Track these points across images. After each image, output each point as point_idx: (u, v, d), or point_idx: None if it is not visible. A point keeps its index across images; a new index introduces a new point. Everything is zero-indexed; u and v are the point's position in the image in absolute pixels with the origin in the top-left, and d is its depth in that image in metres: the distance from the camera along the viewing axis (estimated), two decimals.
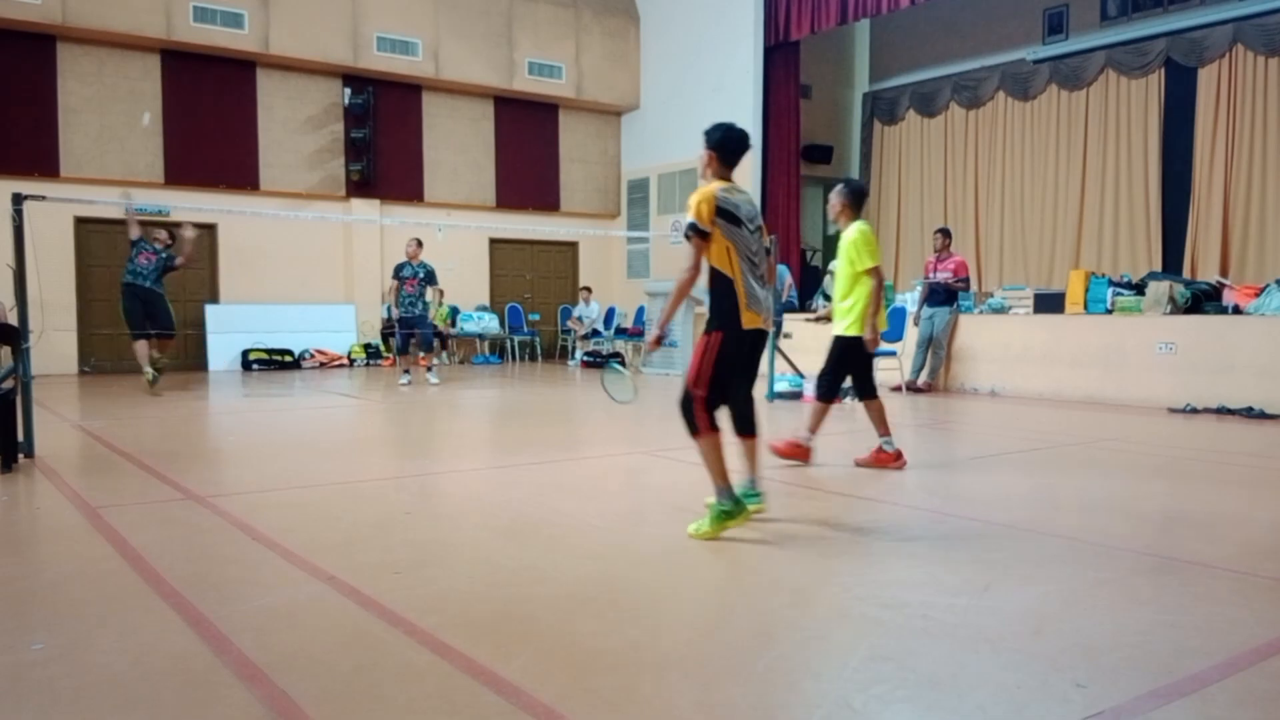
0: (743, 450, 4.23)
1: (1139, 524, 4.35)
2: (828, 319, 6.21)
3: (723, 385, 3.92)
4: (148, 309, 10.01)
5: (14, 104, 12.17)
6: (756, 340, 4.02)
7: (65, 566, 3.59)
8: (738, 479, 4.01)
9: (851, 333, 5.56)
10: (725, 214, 3.88)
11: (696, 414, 3.84)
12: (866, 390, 5.82)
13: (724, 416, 4.04)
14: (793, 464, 5.67)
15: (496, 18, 15.24)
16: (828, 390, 5.74)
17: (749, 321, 3.89)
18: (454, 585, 3.35)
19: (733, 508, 3.90)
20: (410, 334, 11.16)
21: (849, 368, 5.74)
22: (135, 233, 10.06)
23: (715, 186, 3.94)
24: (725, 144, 4.11)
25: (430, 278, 11.12)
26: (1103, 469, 5.78)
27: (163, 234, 10.48)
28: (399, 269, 11.13)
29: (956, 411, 8.84)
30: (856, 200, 5.59)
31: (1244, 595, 3.21)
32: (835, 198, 5.63)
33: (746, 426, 4.21)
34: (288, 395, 10.38)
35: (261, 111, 13.87)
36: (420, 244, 11.16)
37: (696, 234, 3.83)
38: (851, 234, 5.48)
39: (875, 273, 5.45)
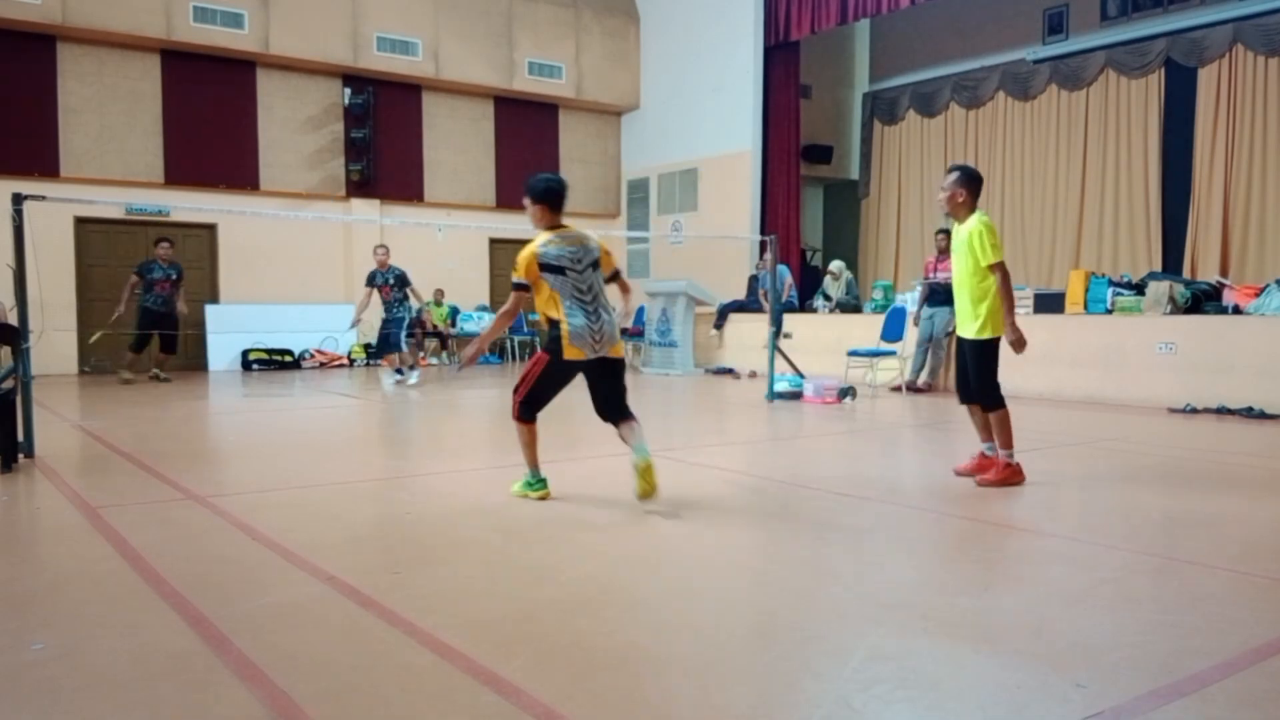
0: (620, 433, 4.69)
1: (1139, 524, 4.35)
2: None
3: (538, 397, 4.68)
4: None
5: (14, 104, 12.17)
6: (585, 367, 4.61)
7: (65, 566, 3.59)
8: (633, 453, 4.52)
9: (986, 335, 5.12)
10: (547, 267, 4.56)
11: (514, 407, 4.71)
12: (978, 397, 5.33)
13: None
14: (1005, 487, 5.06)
15: (496, 18, 15.24)
16: (997, 398, 5.21)
17: (570, 354, 4.52)
18: (454, 585, 3.35)
19: (536, 484, 4.75)
20: (385, 334, 11.13)
21: (991, 369, 5.21)
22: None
23: (538, 242, 4.66)
24: (548, 194, 4.83)
25: (402, 281, 11.06)
26: (1102, 469, 5.78)
27: (164, 246, 10.83)
28: (371, 278, 11.06)
29: (956, 412, 8.82)
30: (975, 188, 5.10)
31: (1244, 595, 3.21)
32: (952, 186, 5.09)
33: (625, 416, 4.70)
34: (288, 395, 10.38)
35: (261, 111, 13.87)
36: (388, 250, 11.17)
37: (516, 288, 4.66)
38: (973, 225, 5.02)
39: (1000, 268, 5.01)
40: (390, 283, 11.04)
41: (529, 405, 4.68)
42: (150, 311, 11.47)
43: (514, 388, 4.75)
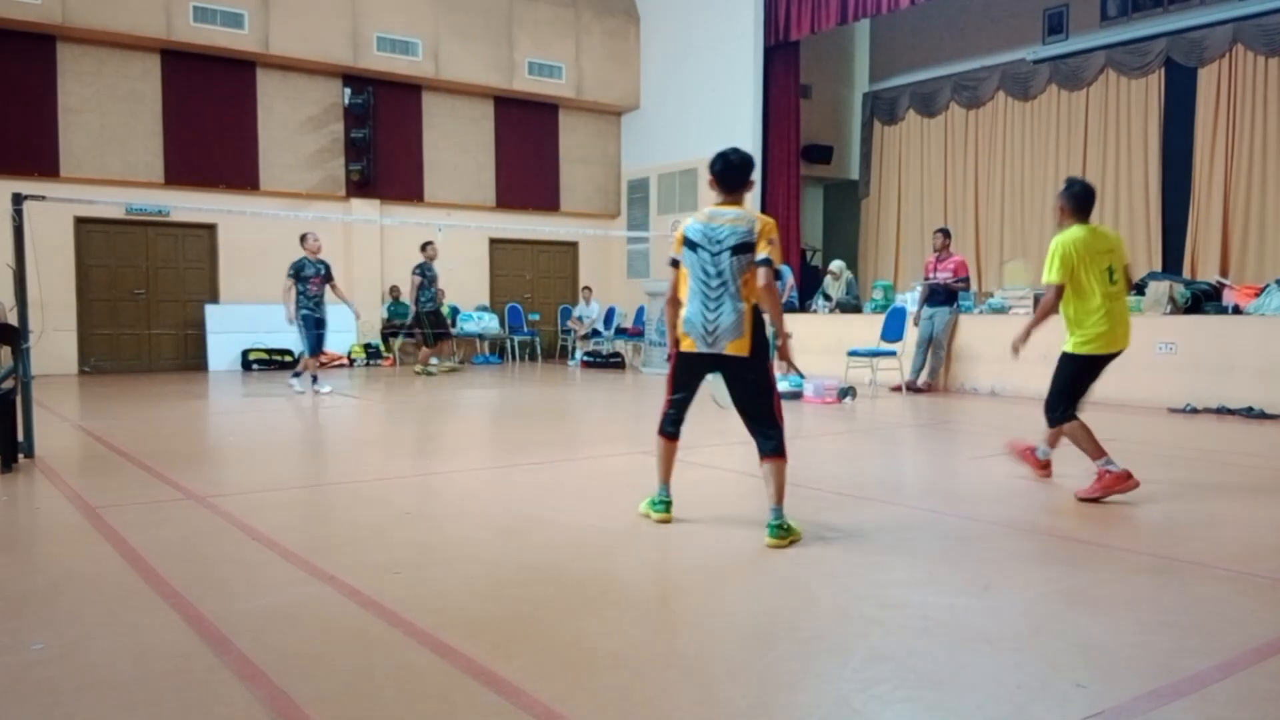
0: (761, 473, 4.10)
1: (1139, 524, 4.35)
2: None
3: (675, 401, 4.27)
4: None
5: (14, 104, 12.17)
6: (707, 362, 4.13)
7: (65, 566, 3.59)
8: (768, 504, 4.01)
9: (1082, 351, 4.98)
10: (689, 242, 4.11)
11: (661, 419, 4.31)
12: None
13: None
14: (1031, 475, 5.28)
15: (496, 18, 15.24)
16: (1063, 413, 5.02)
17: (684, 344, 4.10)
18: (454, 585, 3.35)
19: (658, 504, 4.30)
20: (321, 333, 10.42)
21: (1081, 384, 5.07)
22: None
23: (693, 216, 4.20)
24: (719, 173, 4.18)
25: (329, 274, 10.40)
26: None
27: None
28: (300, 267, 10.19)
29: (956, 411, 8.84)
30: (1076, 203, 4.94)
31: (1244, 595, 3.21)
32: (1056, 199, 5.09)
33: (763, 449, 4.06)
34: (288, 395, 10.38)
35: (261, 111, 13.87)
36: (318, 239, 10.44)
37: (672, 264, 4.19)
38: (1054, 240, 4.93)
39: (1050, 290, 4.86)
40: (322, 274, 10.34)
41: (668, 416, 4.29)
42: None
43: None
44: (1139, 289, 9.98)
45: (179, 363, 13.60)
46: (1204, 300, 9.34)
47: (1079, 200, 4.95)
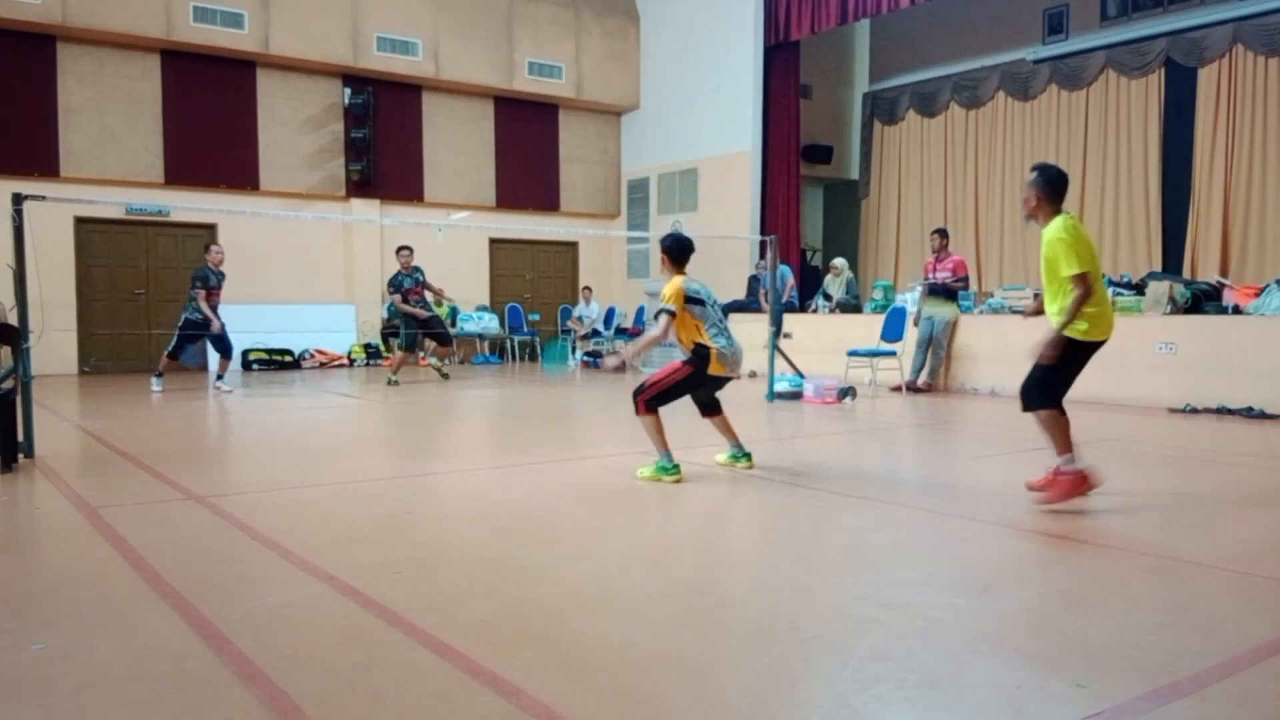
0: (716, 425, 5.65)
1: (1139, 524, 4.35)
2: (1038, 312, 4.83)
3: (667, 398, 5.32)
4: (425, 326, 11.56)
5: (14, 104, 12.17)
6: (719, 382, 5.48)
7: (65, 566, 3.59)
8: (728, 444, 5.61)
9: (1090, 337, 4.52)
10: (692, 300, 5.28)
11: (640, 405, 5.29)
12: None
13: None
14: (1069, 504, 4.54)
15: (496, 18, 15.24)
16: (1043, 399, 4.58)
17: (715, 369, 5.27)
18: (454, 585, 3.35)
19: (671, 468, 5.24)
20: (217, 338, 10.49)
21: (1073, 372, 4.62)
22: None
23: (681, 280, 5.36)
24: (677, 252, 5.53)
25: (220, 284, 10.42)
26: (1103, 469, 5.77)
27: (404, 254, 11.31)
28: (216, 278, 10.37)
29: (956, 411, 8.84)
30: (1053, 190, 4.62)
31: (1244, 595, 3.21)
32: (1027, 189, 4.67)
33: (713, 410, 5.65)
34: (288, 395, 10.38)
35: (261, 111, 13.87)
36: (221, 251, 10.56)
37: (669, 314, 5.20)
38: (1054, 231, 4.53)
39: (1080, 280, 4.41)
40: (219, 286, 10.44)
41: (657, 401, 5.28)
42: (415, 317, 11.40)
43: (638, 390, 5.31)
44: (1139, 289, 9.99)
45: (179, 363, 13.58)
46: (1204, 300, 9.33)
47: (1056, 186, 4.64)
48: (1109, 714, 2.25)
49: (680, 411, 5.49)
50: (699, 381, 5.33)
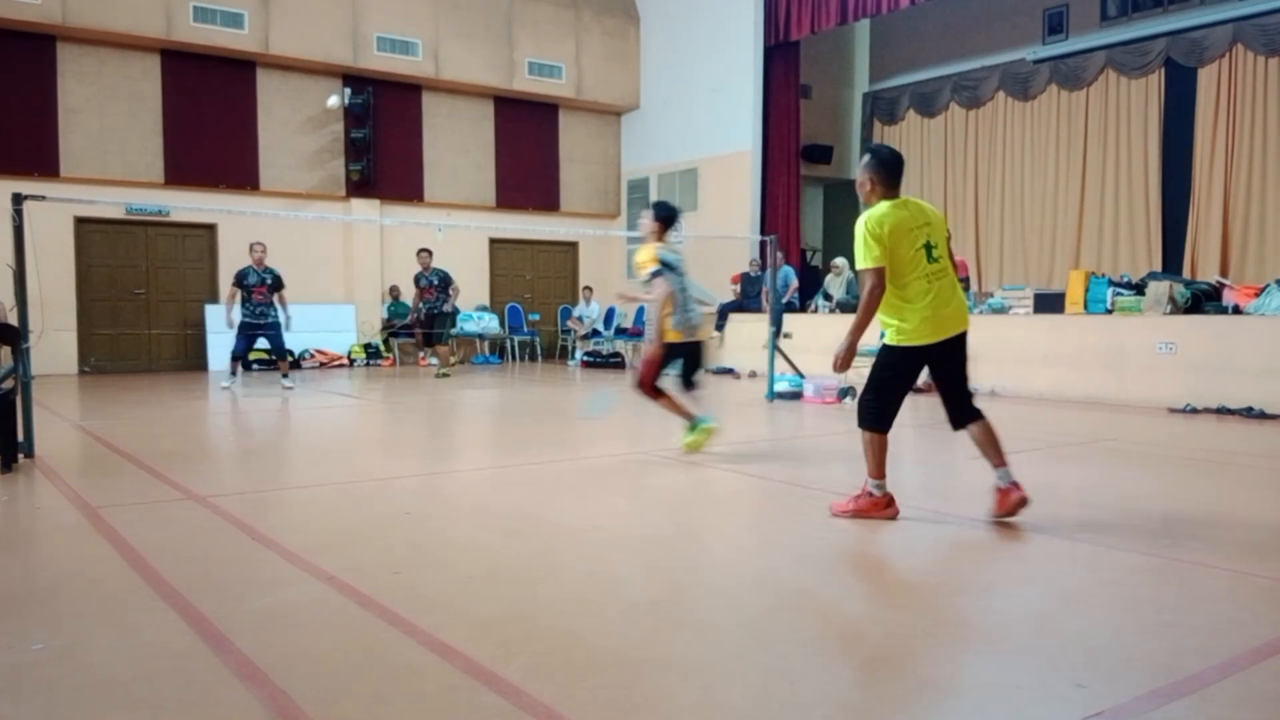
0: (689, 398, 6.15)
1: (1139, 524, 4.35)
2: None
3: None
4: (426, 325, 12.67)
5: (14, 104, 12.17)
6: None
7: (65, 566, 3.59)
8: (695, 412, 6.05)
9: (903, 341, 4.17)
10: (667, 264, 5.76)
11: (648, 391, 5.98)
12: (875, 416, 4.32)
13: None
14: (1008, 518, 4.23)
15: (496, 18, 15.24)
16: (875, 418, 4.26)
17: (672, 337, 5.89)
18: (454, 585, 3.35)
19: (701, 423, 5.95)
20: (253, 342, 10.65)
21: (900, 383, 4.27)
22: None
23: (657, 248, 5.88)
24: (672, 216, 6.03)
25: (278, 283, 10.56)
26: (1103, 469, 5.78)
27: (424, 255, 12.46)
28: (243, 275, 10.46)
29: None
30: (887, 172, 4.22)
31: (1244, 595, 3.21)
32: (859, 173, 4.31)
33: (691, 386, 6.15)
34: (287, 395, 10.37)
35: (261, 111, 13.87)
36: (265, 249, 10.62)
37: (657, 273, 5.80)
38: (860, 219, 4.19)
39: (866, 277, 4.10)
40: (268, 283, 10.51)
41: (653, 379, 5.96)
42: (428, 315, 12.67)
43: (638, 382, 5.96)
44: (1139, 289, 9.98)
45: (179, 363, 13.60)
46: (1204, 300, 9.34)
47: (889, 169, 4.22)
48: (1109, 714, 2.25)
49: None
50: (672, 353, 5.89)
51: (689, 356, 6.03)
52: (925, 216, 4.23)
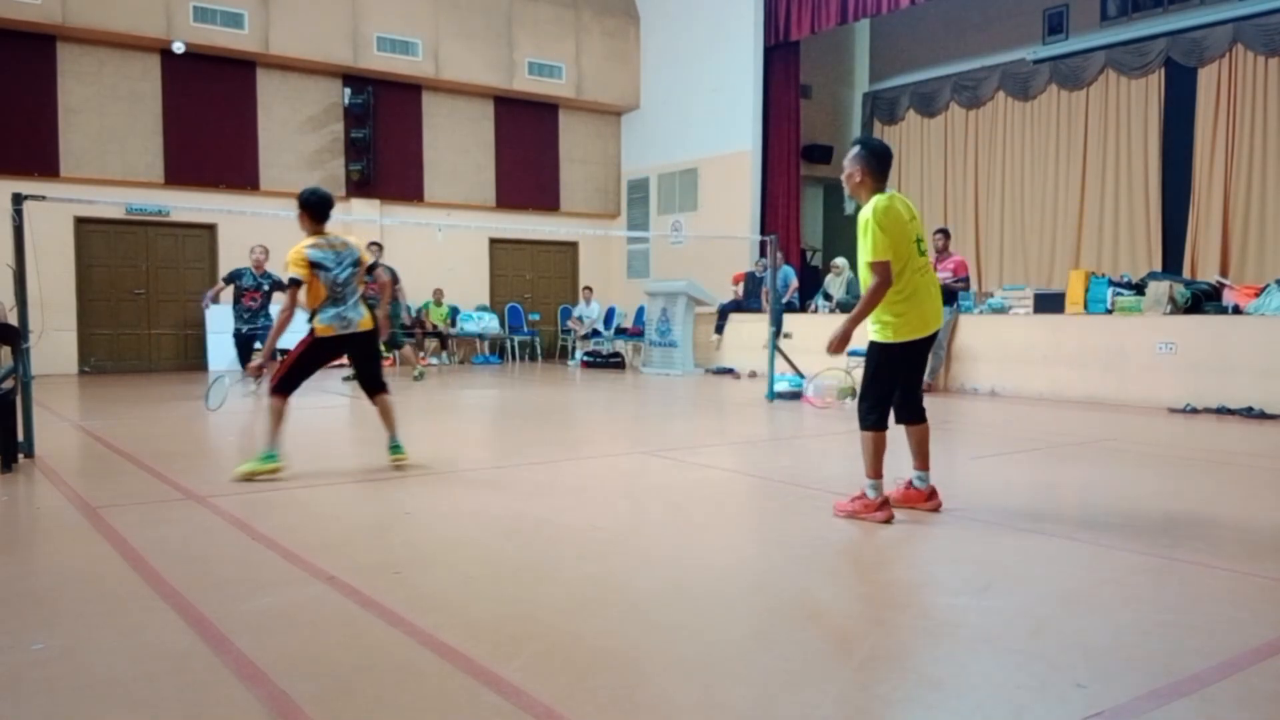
0: (377, 410, 5.69)
1: (1139, 524, 4.35)
2: None
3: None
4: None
5: (14, 104, 12.17)
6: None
7: (65, 566, 3.59)
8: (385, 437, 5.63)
9: (899, 338, 4.22)
10: (315, 264, 5.34)
11: (270, 390, 5.44)
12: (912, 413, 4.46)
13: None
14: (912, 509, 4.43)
15: (496, 18, 15.24)
16: (877, 418, 4.27)
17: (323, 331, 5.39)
18: (454, 585, 3.35)
19: (269, 458, 5.23)
20: (247, 350, 10.20)
21: (895, 379, 4.34)
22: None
23: (306, 243, 5.52)
24: (316, 205, 5.77)
25: (278, 285, 9.99)
26: (1103, 469, 5.78)
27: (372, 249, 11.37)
28: (236, 276, 10.27)
29: (956, 411, 8.83)
30: (877, 165, 4.20)
31: (1244, 595, 3.21)
32: (848, 164, 4.25)
33: (374, 389, 5.71)
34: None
35: (261, 111, 13.87)
36: (267, 253, 10.34)
37: (292, 284, 5.35)
38: (864, 211, 4.14)
39: (878, 269, 4.06)
40: (265, 289, 10.33)
41: (285, 384, 5.53)
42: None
43: (272, 377, 5.57)
44: (1139, 289, 9.99)
45: (179, 363, 13.60)
46: (1204, 300, 9.33)
47: (880, 161, 4.20)
48: (1109, 714, 2.25)
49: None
50: (319, 350, 5.46)
51: (356, 354, 5.65)
52: (911, 211, 4.27)
